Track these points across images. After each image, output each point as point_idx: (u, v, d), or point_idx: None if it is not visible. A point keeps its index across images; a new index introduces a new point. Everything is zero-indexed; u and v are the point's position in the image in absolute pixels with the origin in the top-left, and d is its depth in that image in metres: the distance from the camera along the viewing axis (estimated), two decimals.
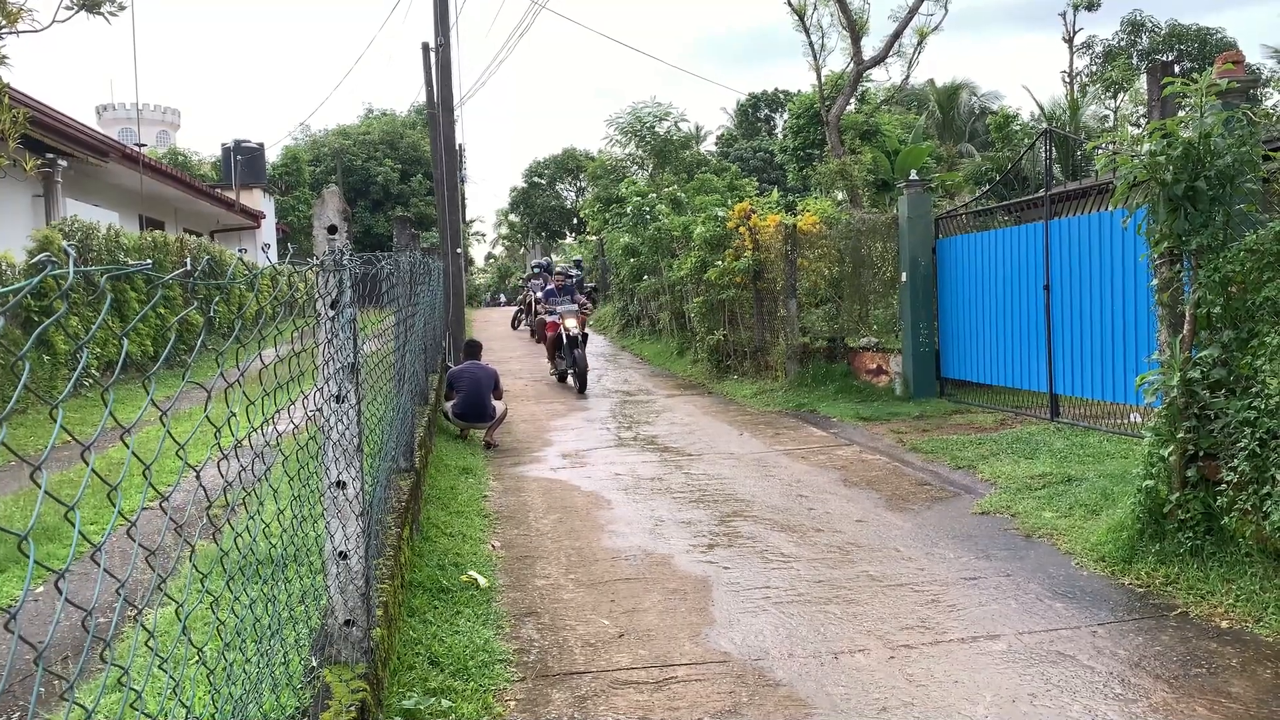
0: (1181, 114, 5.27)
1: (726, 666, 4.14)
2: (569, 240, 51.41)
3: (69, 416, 9.54)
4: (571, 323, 14.20)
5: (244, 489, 2.18)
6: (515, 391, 13.46)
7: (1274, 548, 4.58)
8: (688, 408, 12.47)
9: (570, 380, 14.48)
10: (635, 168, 28.28)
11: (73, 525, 1.20)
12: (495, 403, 9.88)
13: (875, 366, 12.47)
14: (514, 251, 57.68)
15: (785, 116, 33.12)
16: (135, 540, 1.42)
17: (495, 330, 25.33)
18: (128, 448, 1.32)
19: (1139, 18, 39.16)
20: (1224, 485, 4.84)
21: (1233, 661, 4.02)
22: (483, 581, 5.24)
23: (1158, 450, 5.24)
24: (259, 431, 2.25)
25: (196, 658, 1.95)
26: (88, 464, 1.24)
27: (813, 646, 4.33)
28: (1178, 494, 5.12)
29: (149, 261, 2.77)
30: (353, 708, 2.84)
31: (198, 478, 1.69)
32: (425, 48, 18.08)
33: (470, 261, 52.05)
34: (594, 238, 30.27)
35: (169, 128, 62.65)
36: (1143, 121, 6.75)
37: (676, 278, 17.25)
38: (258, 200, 27.80)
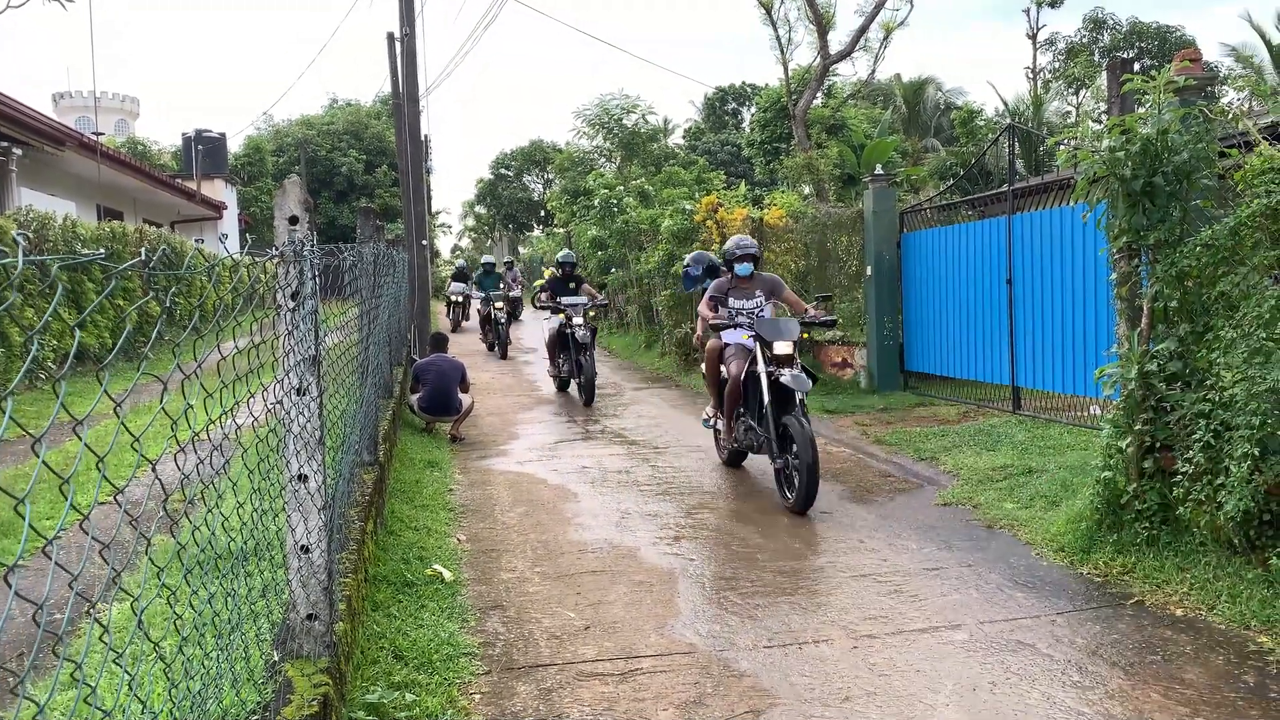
0: (1140, 110, 5.35)
1: (691, 657, 4.16)
2: (536, 232, 51.24)
3: (25, 410, 9.36)
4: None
5: (202, 482, 2.15)
6: (481, 385, 13.40)
7: (1227, 538, 4.68)
8: (655, 401, 12.49)
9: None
10: (603, 160, 28.24)
11: (23, 519, 1.17)
12: (461, 396, 9.83)
13: (840, 360, 12.56)
14: (480, 244, 57.37)
15: (752, 110, 33.24)
16: (89, 534, 1.40)
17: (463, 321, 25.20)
18: (80, 439, 1.30)
19: (1101, 15, 39.71)
20: (1180, 476, 4.94)
21: (1186, 648, 4.11)
22: (448, 575, 5.22)
23: (1116, 442, 5.33)
24: (218, 424, 2.22)
25: (154, 653, 1.92)
26: (38, 456, 1.22)
27: (777, 637, 4.36)
28: (1135, 485, 5.21)
29: (102, 251, 2.73)
30: (315, 702, 2.82)
31: (154, 470, 1.67)
32: (390, 37, 17.92)
33: (436, 254, 51.69)
34: (562, 230, 30.21)
35: (128, 116, 61.53)
36: (1104, 118, 6.87)
37: (644, 270, 17.26)
38: (219, 191, 27.44)
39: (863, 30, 19.62)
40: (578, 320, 12.01)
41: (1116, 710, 3.56)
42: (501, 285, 19.55)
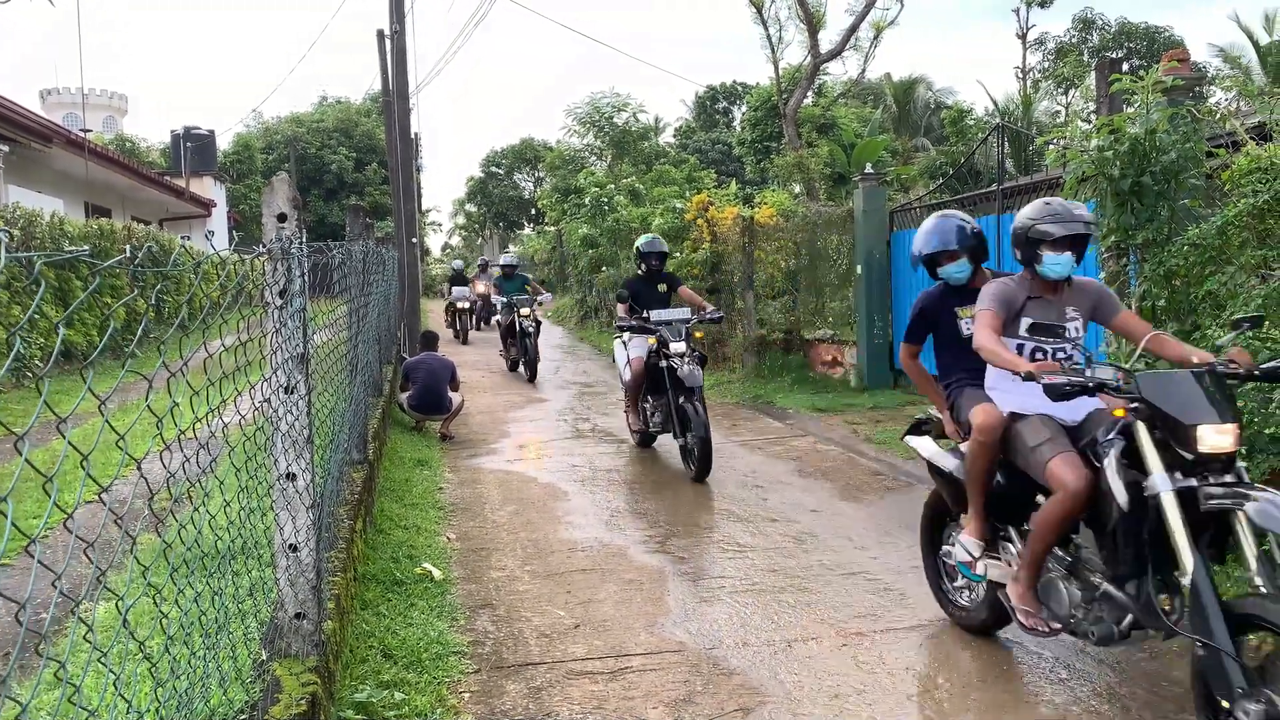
0: (1129, 110, 5.37)
1: (681, 656, 4.16)
2: (527, 230, 51.18)
3: (12, 409, 9.31)
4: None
5: (189, 481, 2.14)
6: (472, 383, 13.38)
7: None
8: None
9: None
10: (594, 158, 28.23)
11: (4, 517, 1.17)
12: (452, 394, 9.81)
13: (831, 358, 12.58)
14: (471, 242, 57.28)
15: (743, 109, 33.26)
16: (72, 533, 1.39)
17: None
18: (63, 436, 1.29)
19: (1090, 15, 39.84)
20: None
21: (1174, 646, 4.12)
22: (437, 574, 5.21)
23: None
24: (204, 422, 2.21)
25: (139, 652, 1.91)
26: (21, 453, 1.21)
27: (766, 635, 4.37)
28: None
29: (86, 247, 2.71)
30: (303, 701, 2.81)
31: (139, 469, 1.66)
32: (380, 35, 17.86)
33: (426, 251, 51.58)
34: (552, 228, 30.18)
35: (116, 113, 61.24)
36: (1092, 117, 6.89)
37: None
38: (208, 188, 27.32)
39: (853, 29, 19.65)
40: (679, 346, 7.76)
41: (1104, 707, 3.58)
42: (528, 289, 15.46)
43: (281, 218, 3.10)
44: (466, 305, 20.77)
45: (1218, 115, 5.68)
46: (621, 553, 5.75)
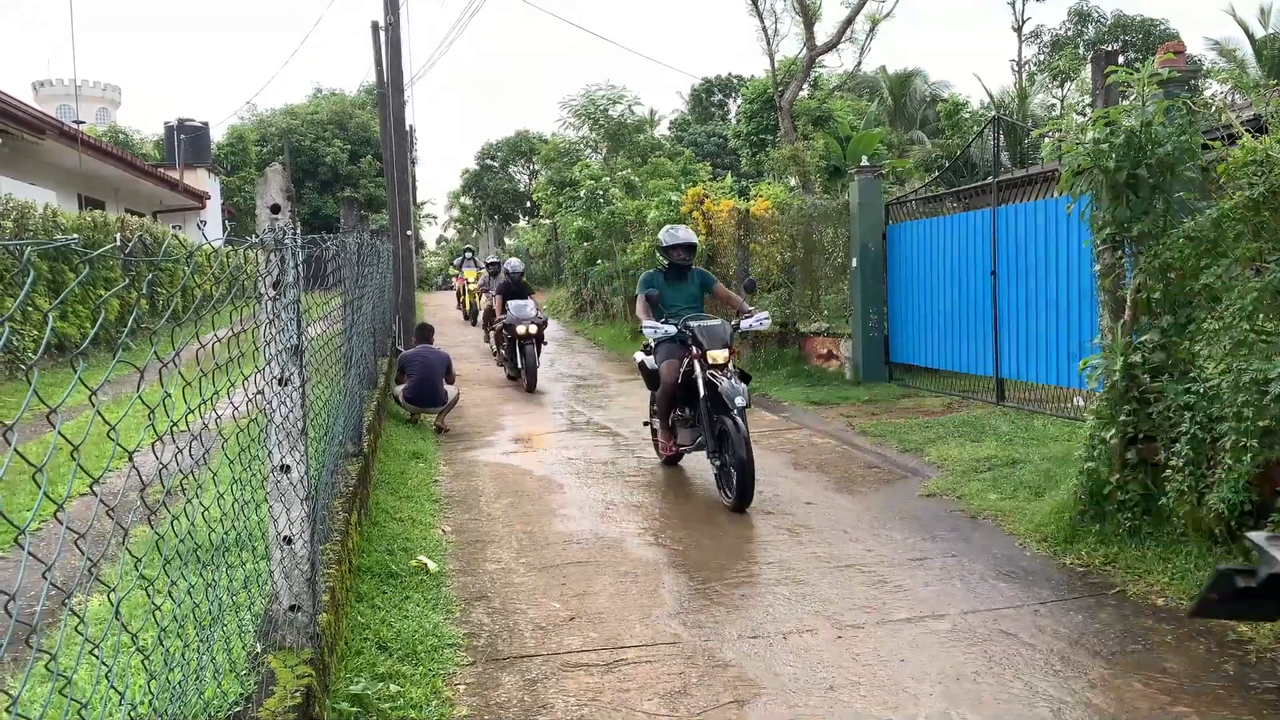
0: (1125, 103, 5.36)
1: (676, 648, 4.16)
2: (522, 223, 51.09)
3: (6, 400, 9.28)
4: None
5: (182, 472, 2.13)
6: (467, 376, 13.36)
7: (1209, 528, 4.71)
8: (641, 393, 12.46)
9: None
10: (589, 151, 28.15)
11: None
12: (447, 387, 9.79)
13: (826, 351, 12.58)
14: (466, 234, 57.15)
15: (739, 102, 33.16)
16: (63, 524, 1.38)
17: (447, 314, 25.12)
18: (54, 427, 1.28)
19: (1086, 8, 39.82)
20: (1164, 468, 4.97)
21: (1168, 638, 4.13)
22: (432, 566, 5.20)
23: (1099, 433, 5.36)
24: (197, 414, 2.20)
25: (133, 645, 1.90)
26: (10, 444, 1.20)
27: (761, 627, 4.37)
28: (1118, 476, 5.24)
29: (76, 236, 2.70)
30: (298, 693, 2.80)
31: (131, 460, 1.65)
32: (375, 26, 17.80)
33: (421, 244, 51.49)
34: (547, 221, 30.13)
35: (109, 105, 60.97)
36: (1088, 110, 6.86)
37: (630, 262, 17.25)
38: (202, 180, 27.23)
39: (849, 22, 19.61)
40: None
41: (1098, 699, 3.58)
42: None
43: (275, 209, 3.09)
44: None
45: (1213, 108, 5.67)
46: (617, 545, 5.75)
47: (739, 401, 6.37)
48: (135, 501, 1.83)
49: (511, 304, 13.14)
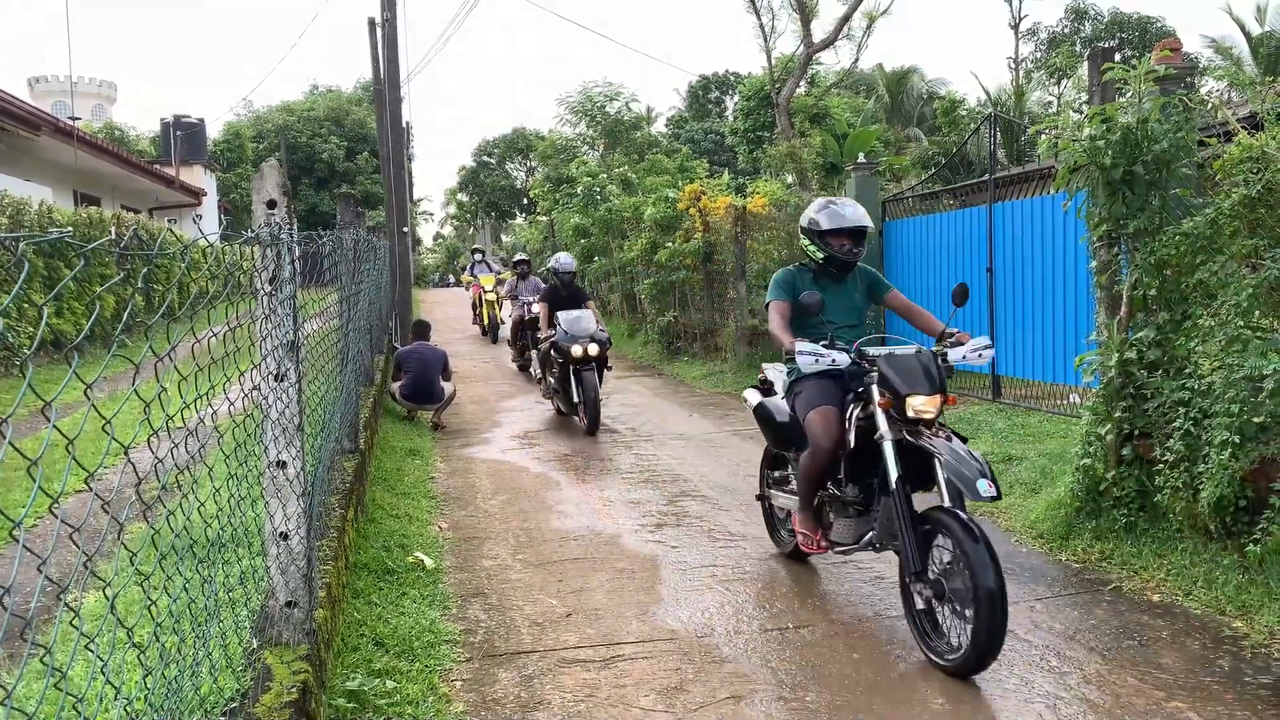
0: (1121, 100, 5.36)
1: (673, 644, 4.17)
2: (519, 220, 51.05)
3: (3, 398, 9.26)
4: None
5: (177, 468, 2.13)
6: (464, 373, 13.36)
7: (1204, 524, 4.72)
8: (638, 389, 12.48)
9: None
10: (586, 148, 28.14)
11: None
12: (444, 384, 9.79)
13: None
14: (463, 231, 57.13)
15: (736, 99, 33.17)
16: (58, 518, 1.37)
17: (444, 312, 25.11)
18: (48, 420, 1.28)
19: (1082, 5, 39.80)
20: (1159, 464, 4.98)
21: (1163, 634, 4.14)
22: (429, 563, 5.20)
23: (1095, 429, 5.37)
24: (193, 409, 2.20)
25: (128, 640, 1.90)
26: (4, 437, 1.20)
27: (758, 623, 4.37)
28: (1113, 472, 5.25)
29: (69, 229, 2.69)
30: (294, 689, 2.80)
31: (126, 454, 1.64)
32: (371, 23, 17.78)
33: (418, 241, 51.46)
34: (544, 218, 30.10)
35: (105, 101, 60.83)
36: (1084, 107, 6.88)
37: (627, 259, 17.23)
38: (199, 177, 27.18)
39: (846, 18, 19.61)
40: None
41: (1093, 694, 3.59)
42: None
43: (271, 204, 3.08)
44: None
45: (1209, 105, 5.67)
46: (613, 541, 5.75)
47: (983, 490, 3.75)
48: (131, 497, 1.82)
49: (562, 316, 9.70)
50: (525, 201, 48.18)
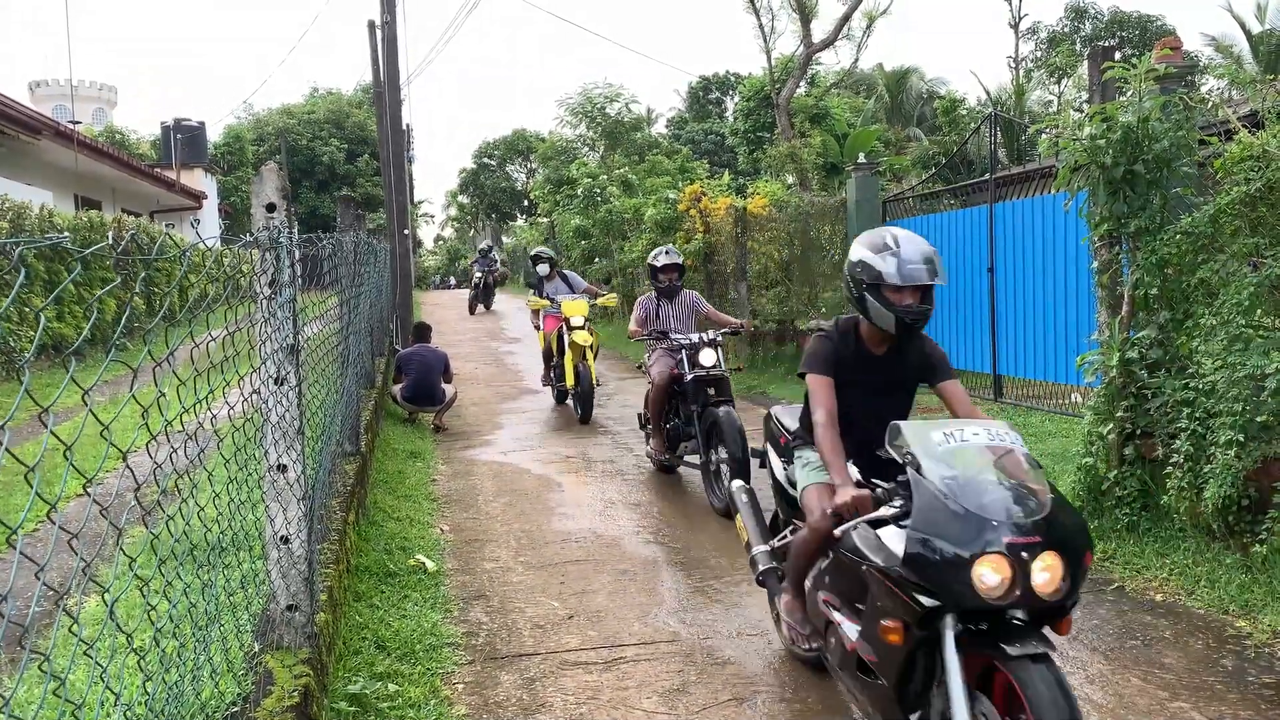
0: (1122, 99, 5.35)
1: (675, 646, 4.16)
2: (520, 222, 51.06)
3: (4, 403, 9.25)
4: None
5: (177, 472, 2.13)
6: (465, 375, 13.35)
7: (1207, 523, 4.71)
8: (639, 391, 12.45)
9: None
10: (586, 149, 28.14)
11: None
12: (445, 386, 9.78)
13: None
14: (464, 234, 57.14)
15: (736, 99, 33.17)
16: (55, 523, 1.37)
17: (445, 314, 25.09)
18: (44, 425, 1.28)
19: (1082, 4, 39.80)
20: (1161, 463, 4.97)
21: (1166, 633, 4.13)
22: (431, 565, 5.19)
23: (1097, 429, 5.36)
24: (192, 414, 2.19)
25: (128, 645, 1.90)
26: (1, 443, 1.19)
27: (761, 625, 4.36)
28: (1116, 471, 5.24)
29: (67, 234, 2.69)
30: (296, 693, 2.80)
31: (124, 459, 1.64)
32: (371, 25, 17.77)
33: (419, 244, 51.46)
34: (545, 220, 30.11)
35: (106, 105, 60.87)
36: (1085, 106, 6.86)
37: (628, 260, 17.24)
38: (199, 180, 27.18)
39: (846, 18, 19.60)
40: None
41: (1096, 694, 3.58)
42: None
43: (270, 207, 3.08)
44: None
45: (1210, 104, 5.67)
46: (615, 543, 5.74)
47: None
48: (130, 502, 1.82)
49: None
50: (526, 203, 48.18)
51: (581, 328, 9.93)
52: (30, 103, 29.56)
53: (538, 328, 11.34)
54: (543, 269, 11.48)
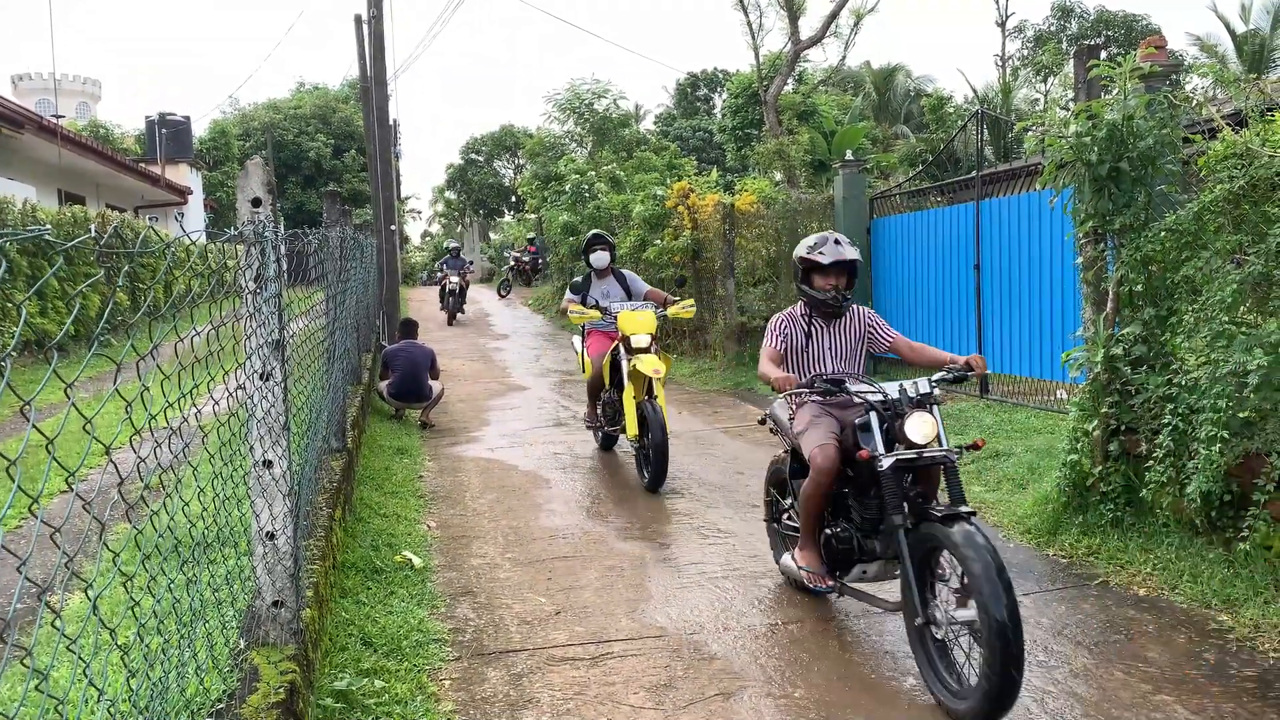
0: (1107, 97, 5.38)
1: (662, 641, 4.17)
2: (507, 218, 50.95)
3: None
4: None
5: (162, 468, 2.11)
6: (452, 371, 13.32)
7: (1190, 519, 4.75)
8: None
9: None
10: (574, 145, 28.10)
11: None
12: (432, 382, 9.76)
13: None
14: (451, 229, 56.93)
15: (724, 96, 33.17)
16: (38, 518, 1.36)
17: (432, 310, 25.02)
18: (27, 420, 1.27)
19: (1068, 3, 39.98)
20: (1145, 459, 5.00)
21: (1149, 627, 4.16)
22: (417, 562, 5.18)
23: (1081, 425, 5.39)
24: (177, 409, 2.18)
25: (112, 641, 1.89)
26: None
27: (747, 620, 4.38)
28: (1100, 467, 5.27)
29: (48, 226, 2.67)
30: (281, 689, 2.79)
31: (108, 453, 1.63)
32: (358, 20, 17.70)
33: (406, 239, 51.27)
34: (533, 216, 30.04)
35: (89, 99, 60.38)
36: (1071, 104, 6.89)
37: (616, 256, 17.18)
38: (184, 175, 27.03)
39: (834, 16, 19.62)
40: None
41: (1081, 689, 3.61)
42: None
43: (256, 202, 3.06)
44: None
45: (1194, 102, 5.70)
46: (602, 539, 5.74)
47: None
48: (114, 497, 1.81)
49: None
50: (514, 199, 48.08)
51: (648, 350, 7.14)
52: (13, 96, 29.32)
53: (579, 351, 8.17)
54: (599, 258, 8.12)
